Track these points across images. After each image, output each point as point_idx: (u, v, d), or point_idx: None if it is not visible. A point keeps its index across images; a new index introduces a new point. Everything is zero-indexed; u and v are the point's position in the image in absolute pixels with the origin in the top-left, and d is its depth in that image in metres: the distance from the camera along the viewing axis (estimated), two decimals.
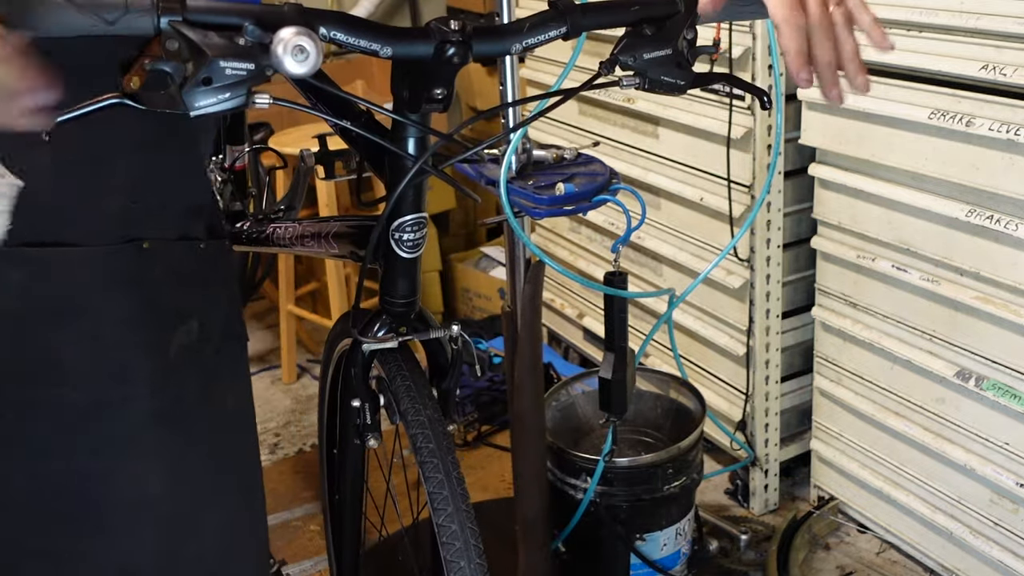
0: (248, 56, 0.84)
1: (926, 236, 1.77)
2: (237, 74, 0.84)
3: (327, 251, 1.41)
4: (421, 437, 1.15)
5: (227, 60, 0.84)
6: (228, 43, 0.84)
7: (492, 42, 0.99)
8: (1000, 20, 1.54)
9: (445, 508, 1.12)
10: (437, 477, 1.13)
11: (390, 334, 1.21)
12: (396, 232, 1.15)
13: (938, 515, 1.90)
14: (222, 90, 0.84)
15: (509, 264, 1.65)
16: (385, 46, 0.94)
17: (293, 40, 0.84)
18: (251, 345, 3.27)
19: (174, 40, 0.83)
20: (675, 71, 1.05)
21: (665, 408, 2.07)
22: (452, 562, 1.12)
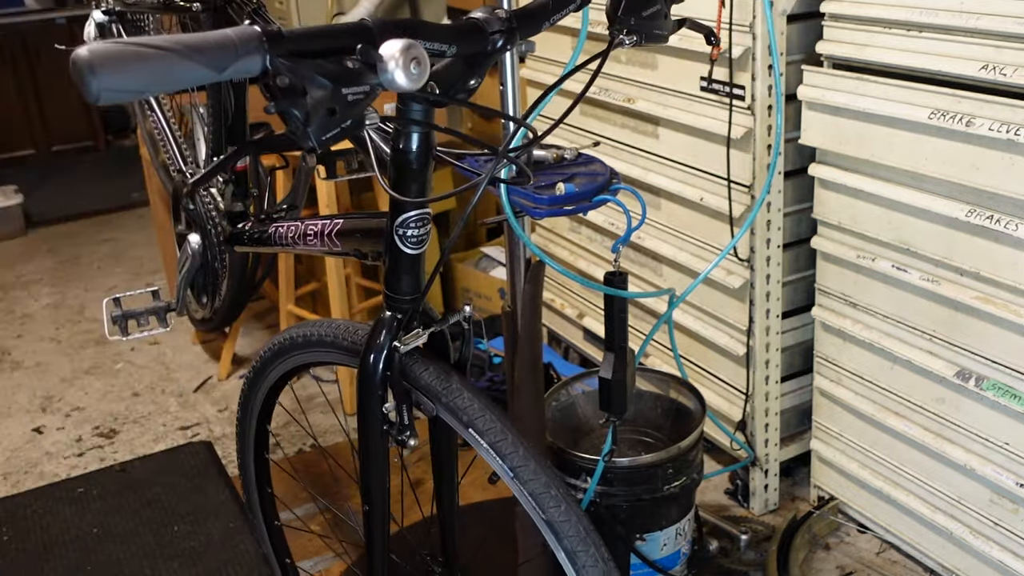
0: (362, 78, 0.83)
1: (926, 236, 1.77)
2: (357, 98, 0.83)
3: (329, 249, 1.41)
4: (472, 412, 1.16)
5: (347, 87, 0.82)
6: (342, 68, 0.82)
7: (531, 23, 1.06)
8: (1000, 20, 1.55)
9: (578, 536, 1.14)
10: (559, 508, 1.14)
11: (416, 331, 1.21)
12: (400, 228, 1.15)
13: (938, 515, 1.90)
14: (344, 118, 0.82)
15: (509, 264, 1.65)
16: (452, 45, 0.96)
17: (406, 55, 0.82)
18: (251, 345, 3.28)
19: (284, 76, 0.80)
20: (661, 23, 1.19)
21: (665, 408, 2.07)
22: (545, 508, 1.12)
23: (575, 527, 1.13)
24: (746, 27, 1.92)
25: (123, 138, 5.90)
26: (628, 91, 2.32)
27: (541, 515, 1.13)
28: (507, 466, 1.14)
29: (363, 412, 1.27)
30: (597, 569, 1.12)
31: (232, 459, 2.67)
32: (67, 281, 4.06)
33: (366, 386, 1.25)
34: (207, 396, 3.02)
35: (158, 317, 1.96)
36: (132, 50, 0.73)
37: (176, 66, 0.75)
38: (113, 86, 0.72)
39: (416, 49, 0.83)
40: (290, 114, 0.81)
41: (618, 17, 1.17)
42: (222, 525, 2.33)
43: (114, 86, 0.72)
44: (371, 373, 1.24)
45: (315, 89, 0.80)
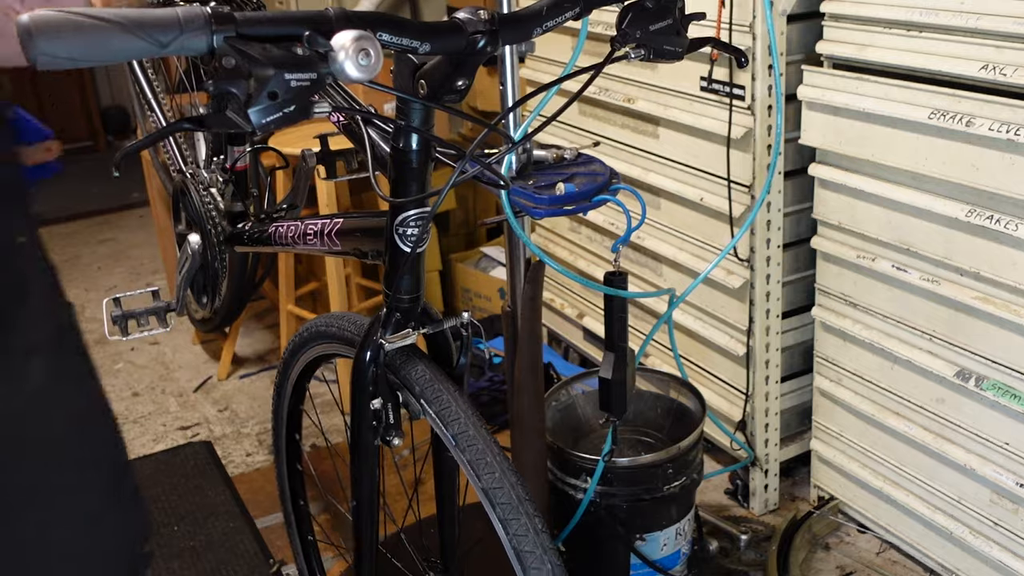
0: (309, 65, 0.83)
1: (926, 236, 1.77)
2: (301, 85, 0.82)
3: (329, 248, 1.41)
4: (473, 449, 1.15)
5: (291, 72, 0.82)
6: (289, 55, 0.82)
7: (517, 29, 1.02)
8: (1000, 20, 1.55)
9: (517, 519, 1.13)
10: (500, 488, 1.14)
11: (406, 330, 1.21)
12: (400, 227, 1.15)
13: (938, 515, 1.90)
14: (287, 103, 0.82)
15: (509, 264, 1.65)
16: (424, 43, 0.95)
17: (355, 45, 0.82)
18: (251, 345, 3.28)
19: (231, 57, 0.81)
20: (674, 39, 1.13)
21: (665, 408, 2.07)
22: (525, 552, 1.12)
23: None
24: (746, 27, 1.92)
25: (123, 138, 5.90)
26: (628, 91, 2.32)
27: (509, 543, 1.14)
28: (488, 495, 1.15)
29: (353, 408, 1.29)
30: (528, 539, 1.12)
31: (232, 459, 2.67)
32: (67, 281, 4.06)
33: (356, 382, 1.26)
34: (207, 396, 3.02)
35: (158, 317, 1.96)
36: (71, 19, 0.75)
37: (115, 38, 0.76)
38: (50, 51, 0.74)
39: (367, 41, 0.83)
40: (229, 94, 0.81)
41: (623, 30, 1.12)
42: (222, 525, 2.33)
43: (51, 51, 0.74)
44: (361, 370, 1.25)
45: (258, 71, 0.81)
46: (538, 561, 1.11)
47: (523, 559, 1.11)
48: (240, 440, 2.77)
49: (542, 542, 1.12)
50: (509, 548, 1.12)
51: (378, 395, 1.25)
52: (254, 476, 2.59)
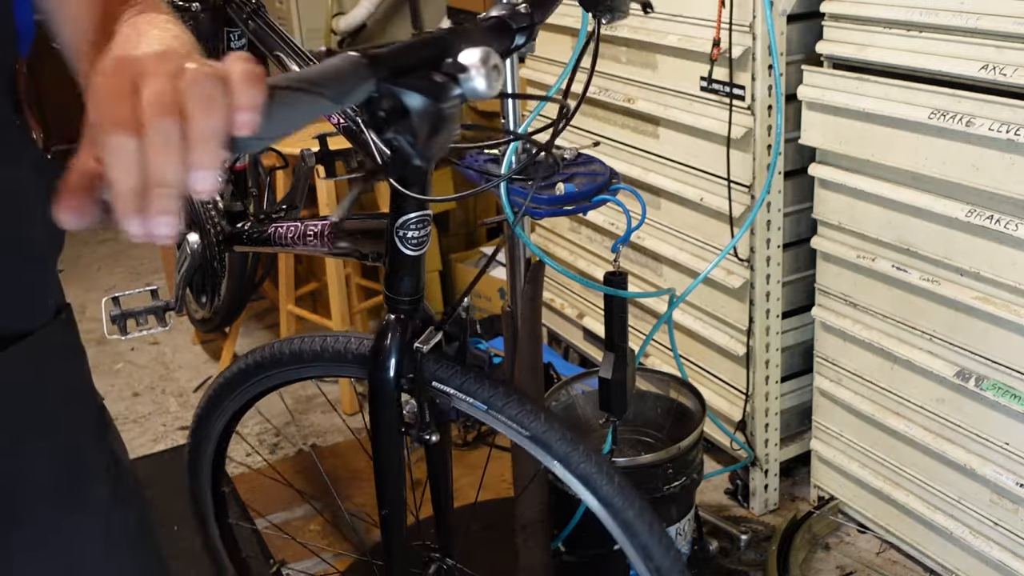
0: (452, 91, 0.82)
1: (926, 236, 1.77)
2: (452, 111, 0.82)
3: (330, 250, 1.41)
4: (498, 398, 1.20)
5: (443, 101, 0.80)
6: (433, 83, 0.80)
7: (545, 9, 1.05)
8: (1000, 20, 1.55)
9: (629, 505, 1.16)
10: (612, 486, 1.17)
11: (429, 330, 1.21)
12: (400, 230, 1.15)
13: (938, 515, 1.90)
14: (446, 131, 0.82)
15: (509, 264, 1.65)
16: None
17: (487, 63, 0.82)
18: (251, 345, 3.28)
19: (388, 99, 0.78)
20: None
21: (665, 408, 2.07)
22: (637, 534, 1.15)
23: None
24: (746, 27, 1.92)
25: None
26: (628, 91, 2.32)
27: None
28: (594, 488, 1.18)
29: (378, 416, 1.25)
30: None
31: (232, 459, 2.67)
32: (67, 281, 4.05)
33: (382, 389, 1.23)
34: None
35: (157, 316, 1.96)
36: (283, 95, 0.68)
37: (301, 101, 0.69)
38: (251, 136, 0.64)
39: (494, 56, 0.82)
40: (400, 141, 0.79)
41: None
42: None
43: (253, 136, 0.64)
44: (386, 376, 1.22)
45: (417, 107, 0.79)
46: (644, 526, 1.16)
47: (631, 527, 1.16)
48: (240, 440, 2.76)
49: (644, 511, 1.16)
50: (616, 521, 1.16)
51: (412, 398, 1.23)
52: (254, 476, 2.59)
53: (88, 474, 0.90)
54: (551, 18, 2.69)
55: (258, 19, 1.81)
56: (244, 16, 1.82)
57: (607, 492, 1.16)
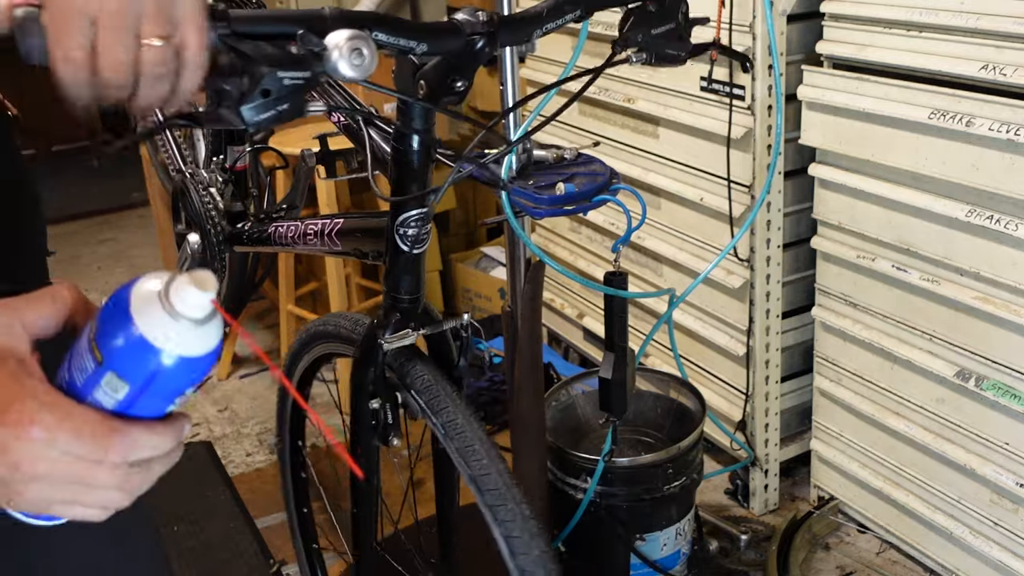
0: (303, 64, 0.83)
1: (926, 236, 1.77)
2: (295, 83, 0.82)
3: (330, 248, 1.41)
4: (461, 437, 1.15)
5: (284, 70, 0.82)
6: (283, 53, 0.82)
7: (516, 31, 1.02)
8: (1000, 20, 1.55)
9: (497, 490, 1.12)
10: (481, 462, 1.13)
11: (405, 330, 1.21)
12: (400, 227, 1.15)
13: (938, 515, 1.90)
14: (280, 101, 0.82)
15: (509, 264, 1.65)
16: (420, 43, 0.95)
17: (349, 44, 0.83)
18: None
19: (225, 55, 0.80)
20: (676, 43, 1.12)
21: (665, 408, 2.07)
22: (514, 538, 1.11)
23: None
24: (746, 27, 1.91)
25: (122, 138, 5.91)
26: (628, 91, 2.32)
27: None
28: (484, 502, 1.14)
29: (352, 409, 1.29)
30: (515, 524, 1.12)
31: (232, 459, 2.67)
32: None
33: (355, 383, 1.26)
34: (207, 396, 3.02)
35: None
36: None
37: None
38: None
39: (361, 40, 0.83)
40: (223, 91, 0.81)
41: (625, 33, 1.11)
42: (222, 525, 2.33)
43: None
44: (360, 370, 1.25)
45: (251, 68, 0.80)
46: (526, 546, 1.10)
47: (512, 544, 1.10)
48: (240, 440, 2.77)
49: (530, 527, 1.11)
50: (498, 534, 1.11)
51: (377, 395, 1.25)
52: (254, 476, 2.59)
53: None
54: None
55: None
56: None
57: (522, 562, 1.10)
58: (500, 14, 1.02)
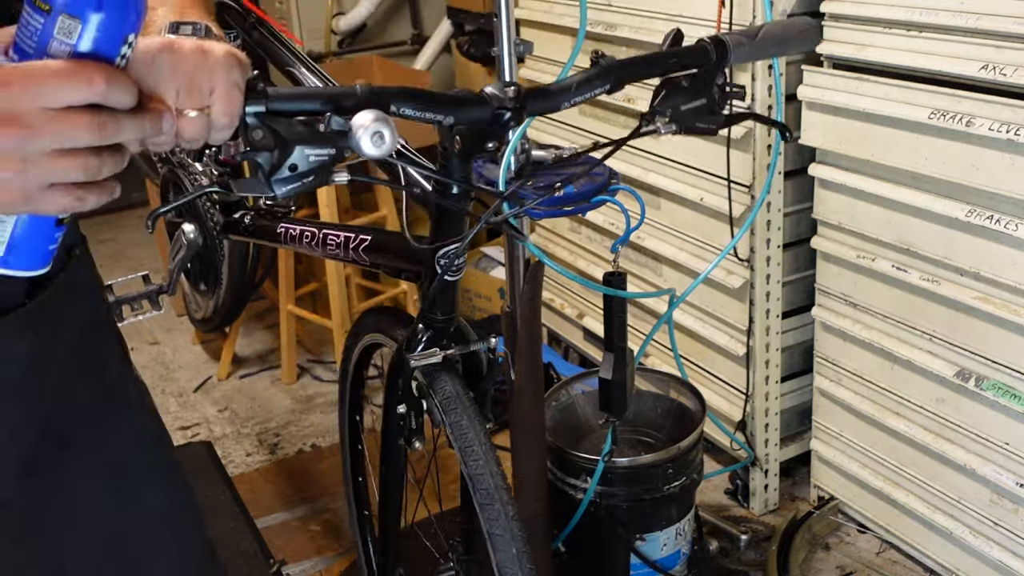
0: (329, 142, 0.88)
1: (926, 236, 1.77)
2: (320, 159, 0.88)
3: (354, 260, 1.50)
4: (461, 431, 1.25)
5: (311, 148, 0.87)
6: (310, 131, 0.88)
7: (544, 102, 1.05)
8: (1000, 20, 1.54)
9: (487, 490, 1.22)
10: (478, 462, 1.23)
11: (433, 349, 1.30)
12: (442, 259, 1.22)
13: (938, 515, 1.90)
14: (307, 175, 0.88)
15: (509, 264, 1.65)
16: (448, 115, 1.00)
17: (372, 127, 0.87)
18: (251, 345, 3.28)
19: (259, 130, 0.86)
20: (708, 117, 1.12)
21: (665, 408, 2.07)
22: (495, 535, 1.21)
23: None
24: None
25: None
26: (628, 91, 2.30)
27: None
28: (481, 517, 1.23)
29: (385, 411, 1.42)
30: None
31: (232, 459, 2.67)
32: None
33: (389, 388, 1.38)
34: (207, 396, 3.02)
35: (151, 300, 1.97)
36: None
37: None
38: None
39: (383, 123, 0.88)
40: (255, 164, 0.87)
41: (654, 107, 1.12)
42: (222, 525, 2.33)
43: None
44: (392, 378, 1.37)
45: (282, 146, 0.87)
46: (506, 544, 1.19)
47: (493, 541, 1.20)
48: (240, 440, 2.77)
49: (511, 528, 1.20)
50: (484, 530, 1.22)
51: (404, 402, 1.36)
52: (254, 476, 2.59)
53: (123, 395, 1.03)
54: (551, 18, 2.69)
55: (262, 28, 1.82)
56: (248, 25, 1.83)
57: (501, 558, 1.20)
58: (528, 88, 1.05)
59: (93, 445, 0.98)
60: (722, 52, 1.11)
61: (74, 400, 0.97)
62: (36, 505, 0.95)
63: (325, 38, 3.77)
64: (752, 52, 1.15)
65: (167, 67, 0.75)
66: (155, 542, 1.06)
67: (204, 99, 0.77)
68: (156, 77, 0.74)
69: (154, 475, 1.07)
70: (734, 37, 1.12)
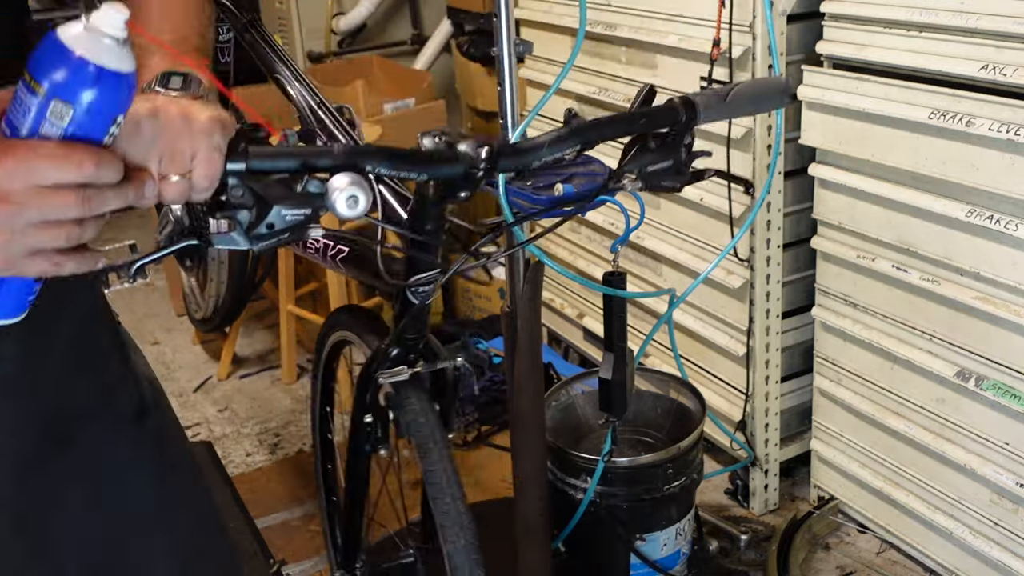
0: (306, 202, 0.91)
1: (926, 236, 1.77)
2: (296, 219, 0.92)
3: (331, 267, 1.52)
4: (420, 435, 1.33)
5: (287, 208, 0.91)
6: (288, 192, 0.91)
7: (515, 160, 1.09)
8: (1000, 20, 1.54)
9: (439, 484, 1.31)
10: (434, 470, 1.31)
11: (401, 367, 1.36)
12: (412, 287, 1.28)
13: (938, 515, 1.90)
14: (283, 232, 0.91)
15: (509, 264, 1.65)
16: (422, 173, 1.03)
17: (347, 191, 0.90)
18: (251, 345, 3.28)
19: (239, 188, 0.88)
20: (674, 176, 1.17)
21: (665, 408, 2.07)
22: (446, 528, 1.30)
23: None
24: (746, 27, 1.91)
25: None
26: (628, 91, 2.31)
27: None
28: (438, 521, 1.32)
29: (352, 418, 1.48)
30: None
31: (232, 459, 2.67)
32: None
33: (357, 397, 1.45)
34: (207, 396, 3.02)
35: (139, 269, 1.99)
36: None
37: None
38: None
39: (357, 187, 0.91)
40: (234, 219, 0.90)
41: (622, 166, 1.17)
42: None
43: None
44: (361, 389, 1.43)
45: (260, 206, 0.89)
46: (455, 536, 1.29)
47: (444, 533, 1.29)
48: (240, 440, 2.77)
49: (460, 520, 1.29)
50: (437, 523, 1.30)
51: (370, 412, 1.43)
52: (254, 476, 2.59)
53: (123, 394, 1.05)
54: (550, 18, 2.69)
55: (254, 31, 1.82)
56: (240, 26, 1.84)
57: (450, 549, 1.28)
58: (499, 144, 1.07)
59: (93, 445, 0.99)
60: (691, 113, 1.13)
61: (72, 398, 0.98)
62: (35, 505, 0.95)
63: (325, 38, 3.77)
64: (723, 112, 1.18)
65: (151, 134, 0.77)
66: (154, 545, 1.07)
67: (186, 164, 0.79)
68: (140, 145, 0.77)
69: (154, 477, 1.08)
70: (704, 98, 1.15)
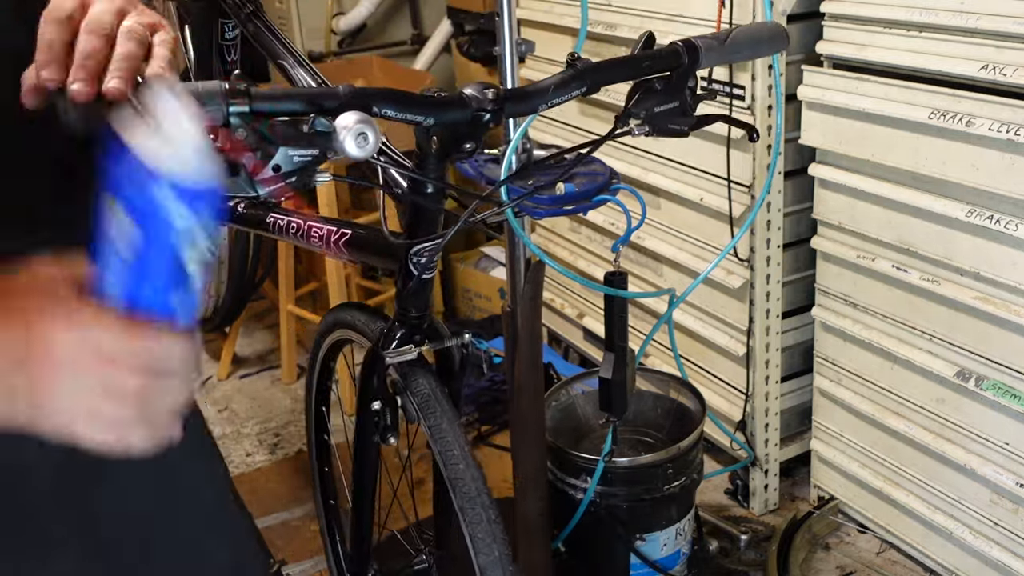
0: (312, 143, 0.89)
1: (926, 236, 1.77)
2: (303, 160, 0.89)
3: (335, 255, 1.48)
4: (440, 432, 1.28)
5: (295, 149, 0.88)
6: (295, 131, 0.89)
7: (522, 104, 1.08)
8: (1000, 20, 1.55)
9: (468, 493, 1.25)
10: (458, 467, 1.26)
11: (408, 346, 1.31)
12: (414, 256, 1.23)
13: (938, 515, 1.90)
14: (289, 175, 0.89)
15: (509, 264, 1.65)
16: (428, 116, 1.01)
17: (356, 128, 0.88)
18: (251, 345, 3.28)
19: (243, 130, 0.86)
20: (679, 119, 1.17)
21: (665, 408, 2.07)
22: (478, 539, 1.24)
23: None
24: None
25: None
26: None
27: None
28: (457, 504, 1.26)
29: (359, 407, 1.40)
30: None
31: (232, 459, 2.67)
32: None
33: (362, 384, 1.37)
34: (207, 396, 3.02)
35: None
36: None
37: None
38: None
39: (366, 125, 0.89)
40: (239, 164, 0.88)
41: (628, 109, 1.16)
42: None
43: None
44: (367, 374, 1.36)
45: (265, 147, 0.87)
46: (487, 547, 1.23)
47: (476, 544, 1.23)
48: (240, 440, 2.77)
49: (492, 530, 1.23)
50: (465, 532, 1.24)
51: (379, 398, 1.36)
52: (254, 476, 2.59)
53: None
54: (551, 18, 2.69)
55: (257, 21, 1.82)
56: (243, 16, 1.83)
57: (482, 561, 1.23)
58: (507, 88, 1.06)
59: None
60: (693, 55, 1.14)
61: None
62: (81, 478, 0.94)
63: (325, 38, 3.77)
64: (723, 55, 1.18)
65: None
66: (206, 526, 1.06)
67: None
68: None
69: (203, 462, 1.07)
70: (705, 41, 1.15)
